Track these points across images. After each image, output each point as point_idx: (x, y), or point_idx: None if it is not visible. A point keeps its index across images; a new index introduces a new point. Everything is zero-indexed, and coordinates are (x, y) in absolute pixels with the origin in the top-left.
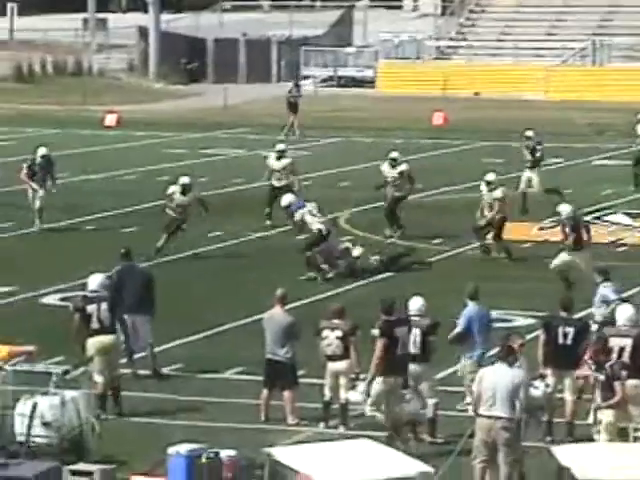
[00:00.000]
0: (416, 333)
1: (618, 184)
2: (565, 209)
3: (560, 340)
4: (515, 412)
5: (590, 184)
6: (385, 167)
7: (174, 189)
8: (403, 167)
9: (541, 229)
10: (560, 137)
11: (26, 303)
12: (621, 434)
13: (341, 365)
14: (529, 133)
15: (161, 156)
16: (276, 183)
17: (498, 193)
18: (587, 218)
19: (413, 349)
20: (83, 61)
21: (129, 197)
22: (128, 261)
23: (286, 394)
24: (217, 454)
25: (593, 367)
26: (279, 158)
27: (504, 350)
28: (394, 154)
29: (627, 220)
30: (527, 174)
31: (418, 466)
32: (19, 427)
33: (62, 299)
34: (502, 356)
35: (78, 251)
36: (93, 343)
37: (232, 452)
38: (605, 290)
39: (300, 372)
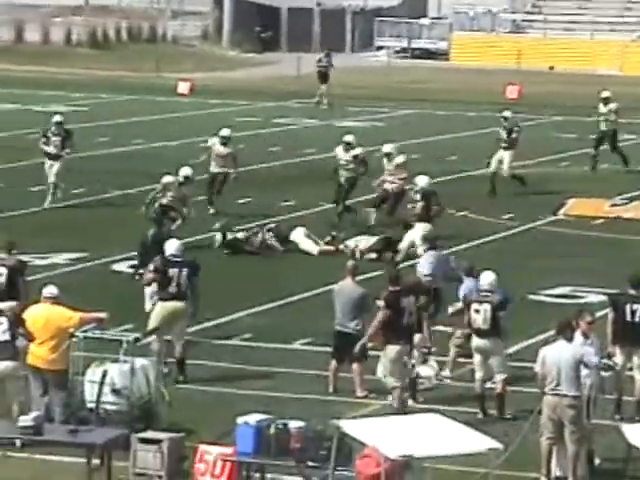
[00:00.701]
0: (486, 308)
1: None
2: (421, 180)
3: (628, 317)
4: (580, 389)
5: None
6: (339, 150)
7: (171, 179)
8: (357, 151)
9: (613, 205)
10: (635, 113)
11: (97, 270)
12: None
13: (414, 338)
14: (506, 113)
15: (234, 124)
16: (216, 170)
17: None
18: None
19: (483, 324)
20: (157, 28)
21: (202, 165)
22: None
23: (355, 366)
24: (285, 425)
25: None
26: (224, 144)
27: (562, 326)
28: (348, 138)
29: None
30: (500, 154)
31: (487, 442)
32: (89, 394)
33: (132, 266)
34: (561, 333)
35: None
36: (166, 307)
37: (300, 423)
38: (425, 257)
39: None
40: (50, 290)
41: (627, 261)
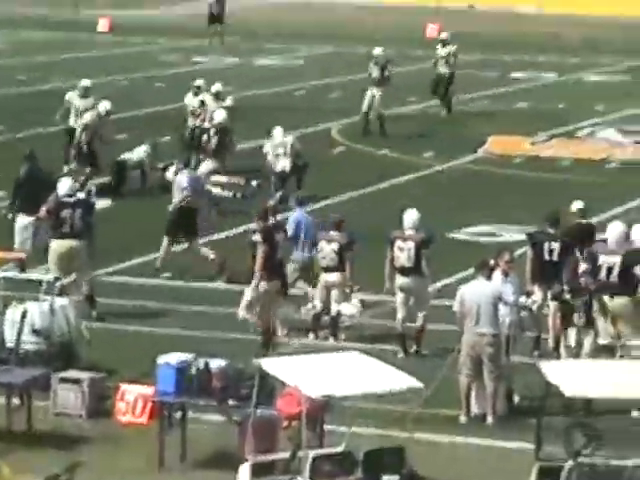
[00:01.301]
0: (410, 246)
1: (610, 100)
2: (218, 116)
3: (546, 256)
4: (499, 327)
5: (583, 99)
6: (188, 97)
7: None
8: (205, 96)
9: (533, 144)
10: (553, 51)
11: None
12: (607, 351)
13: (335, 277)
14: (377, 51)
15: (155, 63)
16: (75, 124)
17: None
18: (579, 134)
19: (407, 262)
20: None
21: (123, 103)
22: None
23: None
24: (207, 364)
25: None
26: (84, 97)
27: (481, 265)
28: (198, 82)
29: (618, 137)
30: (372, 91)
31: (408, 380)
32: (9, 334)
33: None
34: (480, 271)
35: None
36: (60, 245)
37: (222, 362)
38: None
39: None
40: None
41: (546, 199)
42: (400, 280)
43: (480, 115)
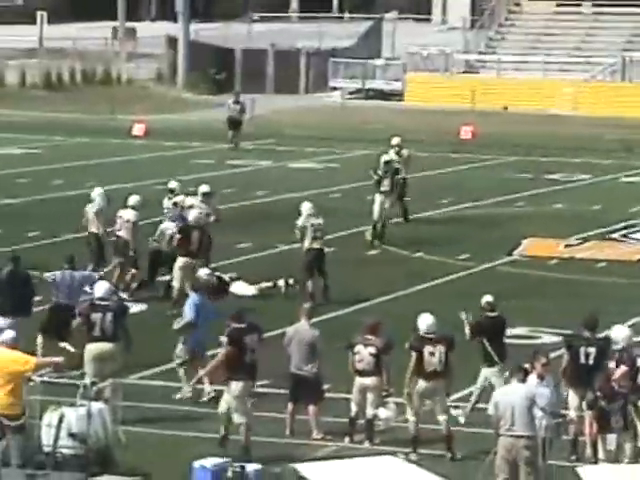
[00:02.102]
0: (441, 350)
1: None
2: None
3: (582, 360)
4: (535, 430)
5: (618, 201)
6: (165, 200)
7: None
8: (179, 198)
9: (568, 246)
10: (588, 153)
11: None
12: None
13: (371, 381)
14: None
15: (189, 166)
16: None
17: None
18: (615, 235)
19: (438, 366)
20: (112, 70)
21: (158, 207)
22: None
23: (311, 408)
24: (243, 468)
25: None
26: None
27: (515, 368)
28: (172, 184)
29: None
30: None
31: None
32: (46, 438)
33: None
34: (514, 374)
35: None
36: (90, 350)
37: (258, 466)
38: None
39: (326, 386)
40: (7, 335)
41: (582, 302)
42: (424, 385)
43: (515, 217)
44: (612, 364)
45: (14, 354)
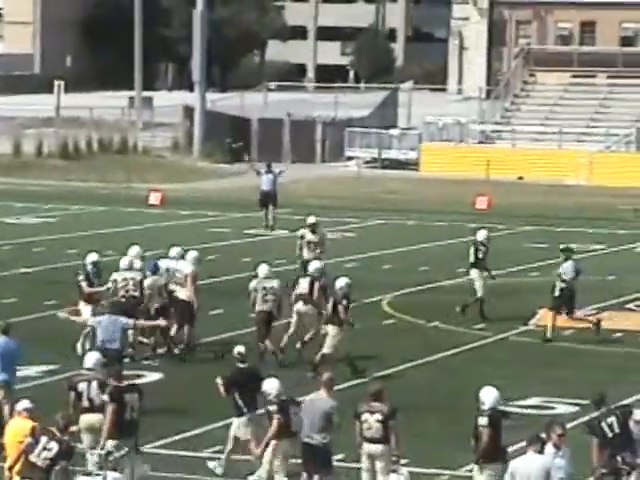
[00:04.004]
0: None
1: None
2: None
3: (609, 435)
4: None
5: (633, 271)
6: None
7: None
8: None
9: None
10: (603, 223)
11: None
12: None
13: (379, 448)
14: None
15: (205, 235)
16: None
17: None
18: (630, 305)
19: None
20: (128, 139)
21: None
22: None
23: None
24: None
25: None
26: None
27: (532, 439)
28: (133, 250)
29: None
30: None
31: None
32: None
33: None
34: (530, 444)
35: None
36: (82, 421)
37: None
38: None
39: (339, 456)
40: (24, 404)
41: (597, 372)
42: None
43: (530, 287)
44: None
45: (27, 424)
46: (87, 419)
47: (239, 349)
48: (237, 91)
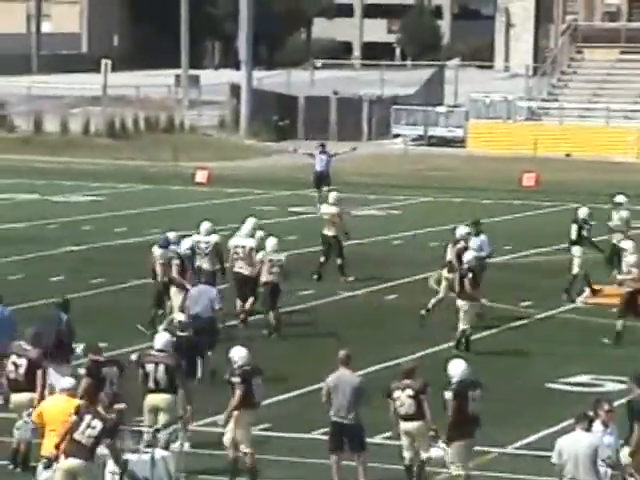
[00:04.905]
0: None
1: None
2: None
3: None
4: (600, 478)
5: None
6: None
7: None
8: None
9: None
10: None
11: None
12: None
13: (414, 425)
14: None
15: (251, 213)
16: None
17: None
18: None
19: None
20: (175, 117)
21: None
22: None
23: (359, 457)
24: None
25: None
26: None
27: (579, 416)
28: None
29: None
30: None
31: None
32: None
33: None
34: (578, 422)
35: None
36: (146, 401)
37: None
38: None
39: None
40: (67, 382)
41: None
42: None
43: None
44: None
45: (73, 402)
46: (151, 399)
47: (179, 317)
48: (284, 69)
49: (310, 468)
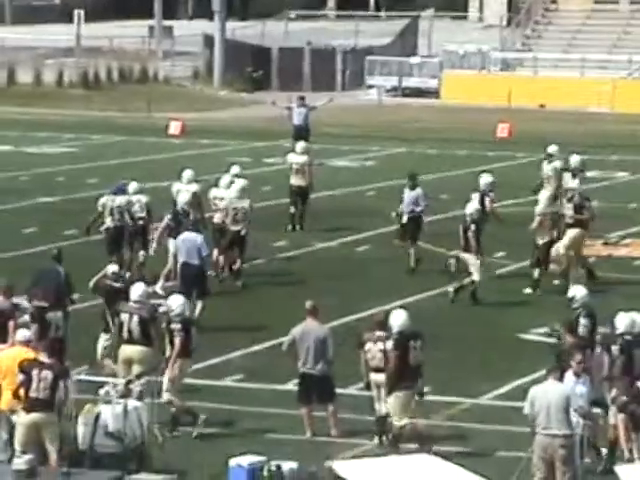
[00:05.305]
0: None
1: None
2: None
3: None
4: (572, 428)
5: None
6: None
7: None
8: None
9: (605, 244)
10: (626, 150)
11: (88, 312)
12: None
13: (384, 377)
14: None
15: (225, 165)
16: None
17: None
18: None
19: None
20: (149, 68)
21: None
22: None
23: (329, 407)
24: (279, 467)
25: None
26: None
27: (552, 367)
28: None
29: None
30: None
31: None
32: (82, 436)
33: None
34: (550, 372)
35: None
36: (119, 352)
37: (294, 465)
38: None
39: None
40: (23, 334)
41: (618, 300)
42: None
43: None
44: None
45: (30, 354)
46: (124, 350)
47: (112, 268)
48: (258, 20)
49: (283, 419)
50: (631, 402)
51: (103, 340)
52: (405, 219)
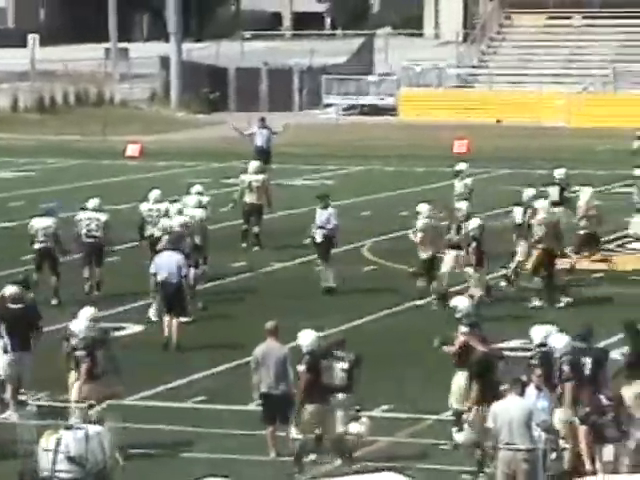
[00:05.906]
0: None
1: None
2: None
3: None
4: (534, 442)
5: (611, 212)
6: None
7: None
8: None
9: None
10: (581, 165)
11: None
12: None
13: (341, 397)
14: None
15: (184, 186)
16: None
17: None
18: (610, 246)
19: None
20: (105, 91)
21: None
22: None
23: (290, 428)
24: None
25: None
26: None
27: (513, 381)
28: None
29: None
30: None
31: None
32: (44, 462)
33: None
34: (512, 387)
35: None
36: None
37: None
38: None
39: None
40: None
41: (583, 309)
42: None
43: (510, 230)
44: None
45: None
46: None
47: (10, 290)
48: (213, 41)
49: (246, 440)
50: (592, 413)
51: None
52: (319, 239)
